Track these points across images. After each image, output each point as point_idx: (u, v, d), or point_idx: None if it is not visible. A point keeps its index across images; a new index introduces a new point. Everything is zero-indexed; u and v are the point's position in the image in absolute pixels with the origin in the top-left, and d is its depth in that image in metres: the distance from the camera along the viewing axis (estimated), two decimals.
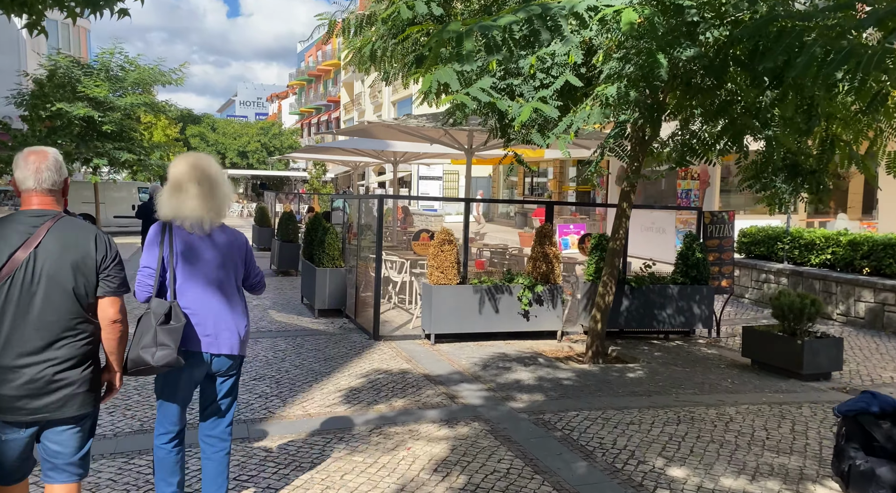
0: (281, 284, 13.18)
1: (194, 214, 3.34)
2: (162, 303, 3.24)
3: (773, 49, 4.16)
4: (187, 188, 3.34)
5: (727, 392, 6.57)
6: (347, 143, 17.19)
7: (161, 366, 3.14)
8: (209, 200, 3.38)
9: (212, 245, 3.42)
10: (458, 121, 7.57)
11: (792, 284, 11.31)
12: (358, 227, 10.56)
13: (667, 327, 9.08)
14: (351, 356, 7.57)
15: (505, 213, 30.32)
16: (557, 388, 6.51)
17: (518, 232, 23.25)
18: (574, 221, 21.67)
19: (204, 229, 3.38)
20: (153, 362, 3.12)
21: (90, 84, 21.31)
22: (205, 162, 3.45)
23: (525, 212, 26.30)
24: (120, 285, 2.91)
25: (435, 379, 6.70)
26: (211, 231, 3.42)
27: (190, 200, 3.33)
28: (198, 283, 3.37)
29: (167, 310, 3.22)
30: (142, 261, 3.37)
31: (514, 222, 27.98)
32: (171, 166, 3.42)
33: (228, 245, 3.48)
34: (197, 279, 3.37)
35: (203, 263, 3.39)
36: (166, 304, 3.24)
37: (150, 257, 3.34)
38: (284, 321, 9.48)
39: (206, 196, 3.37)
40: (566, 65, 6.51)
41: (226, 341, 3.42)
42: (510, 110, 6.17)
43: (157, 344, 3.13)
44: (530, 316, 8.55)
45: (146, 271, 3.34)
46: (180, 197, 3.34)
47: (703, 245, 9.25)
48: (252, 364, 7.09)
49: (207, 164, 3.45)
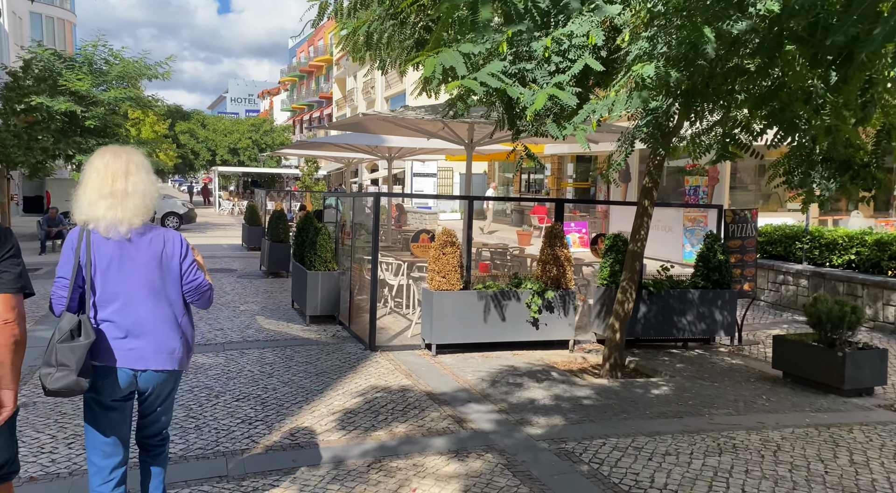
0: (271, 286, 12.45)
1: (109, 214, 2.98)
2: (70, 318, 2.89)
3: (844, 21, 3.49)
4: (101, 187, 2.99)
5: (765, 412, 5.90)
6: (340, 138, 16.46)
7: (56, 390, 2.81)
8: (127, 198, 3.00)
9: (134, 249, 3.05)
10: (459, 112, 6.87)
11: (812, 286, 10.66)
12: (352, 227, 9.85)
13: (686, 334, 8.41)
14: (345, 370, 6.86)
15: (501, 210, 29.63)
16: (577, 409, 5.82)
17: (516, 230, 22.57)
18: (574, 218, 21.01)
19: (121, 233, 3.00)
20: (48, 384, 2.81)
21: (72, 78, 20.50)
22: (123, 156, 3.08)
23: (522, 209, 25.62)
24: (14, 280, 2.54)
25: (439, 398, 6.00)
26: (131, 234, 3.04)
27: (104, 200, 2.98)
28: (119, 292, 3.01)
29: (75, 325, 2.88)
30: (57, 271, 3.00)
31: (511, 220, 27.30)
32: (87, 163, 3.09)
33: (154, 248, 3.09)
34: (118, 288, 3.01)
35: (124, 269, 3.03)
36: (75, 318, 2.89)
37: (64, 267, 2.97)
38: (273, 329, 8.76)
39: (122, 195, 2.99)
40: (585, 47, 5.84)
41: (153, 355, 3.06)
42: (522, 98, 5.49)
43: (56, 364, 2.81)
44: (540, 324, 7.87)
45: (61, 283, 2.97)
46: (93, 197, 2.98)
47: (724, 246, 8.58)
48: (236, 381, 6.38)
49: (126, 158, 3.07)
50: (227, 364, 6.98)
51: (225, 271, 14.44)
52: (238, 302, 10.66)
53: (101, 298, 3.00)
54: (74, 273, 2.93)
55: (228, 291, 11.74)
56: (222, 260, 16.35)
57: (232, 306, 10.23)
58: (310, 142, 21.08)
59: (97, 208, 2.96)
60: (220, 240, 21.99)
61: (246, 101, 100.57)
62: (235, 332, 8.53)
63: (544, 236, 8.10)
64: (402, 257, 11.05)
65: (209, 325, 8.87)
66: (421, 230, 11.10)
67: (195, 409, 5.57)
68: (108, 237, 2.99)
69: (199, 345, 7.83)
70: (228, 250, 18.89)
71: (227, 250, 18.64)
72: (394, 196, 15.51)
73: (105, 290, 3.00)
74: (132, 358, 3.01)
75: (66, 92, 20.42)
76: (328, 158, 25.36)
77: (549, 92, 5.39)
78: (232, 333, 8.47)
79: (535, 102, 5.31)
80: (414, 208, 27.90)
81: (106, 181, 2.98)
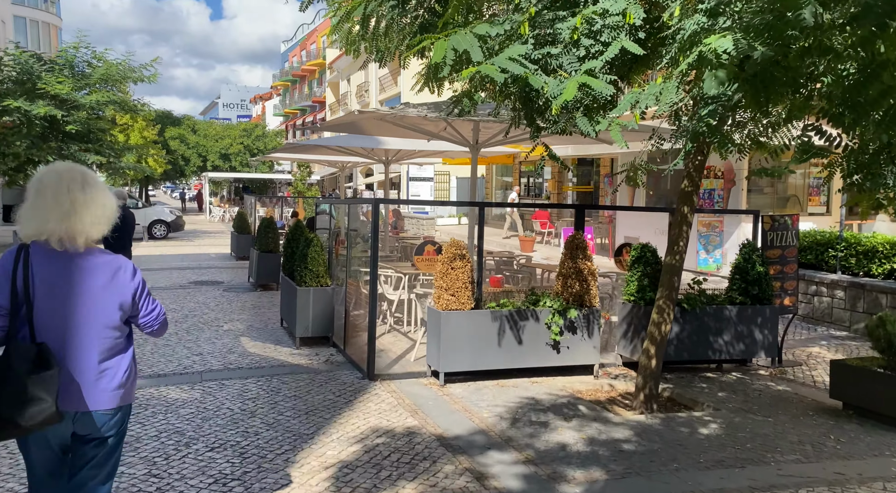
0: (259, 301, 11.49)
1: (64, 225, 2.68)
2: (27, 348, 2.61)
3: None
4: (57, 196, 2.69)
5: (839, 458, 4.98)
6: (333, 140, 15.49)
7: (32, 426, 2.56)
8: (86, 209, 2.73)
9: (83, 274, 2.75)
10: (465, 109, 5.97)
11: (850, 297, 9.76)
12: (347, 237, 8.91)
13: (723, 356, 7.49)
14: (340, 407, 5.92)
15: (500, 215, 28.71)
16: (618, 457, 4.88)
17: (519, 236, 21.65)
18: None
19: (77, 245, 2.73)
20: (24, 421, 2.54)
21: (52, 80, 19.50)
22: (77, 169, 2.83)
23: (523, 214, 24.71)
24: None
25: (452, 444, 5.06)
26: (81, 257, 2.75)
27: (59, 209, 2.69)
28: (58, 322, 2.70)
29: (34, 354, 2.60)
30: None
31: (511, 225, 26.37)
32: (34, 178, 2.82)
33: (104, 275, 2.78)
34: (54, 316, 2.70)
35: (66, 295, 2.71)
36: (32, 347, 2.62)
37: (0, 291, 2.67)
38: (259, 354, 7.80)
39: (81, 204, 2.72)
40: (621, 27, 4.95)
41: (83, 395, 2.72)
42: (546, 88, 4.60)
43: (29, 399, 2.54)
44: (561, 347, 6.94)
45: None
46: (49, 206, 2.69)
47: (763, 256, 7.67)
48: (213, 423, 5.43)
49: (81, 171, 2.83)
50: (204, 400, 6.03)
51: (211, 283, 13.47)
52: (222, 320, 9.69)
53: (38, 327, 2.68)
54: (12, 298, 2.65)
55: (213, 307, 10.78)
56: (209, 271, 15.37)
57: (215, 326, 9.26)
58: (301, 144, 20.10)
59: (51, 220, 2.68)
60: (208, 249, 21.00)
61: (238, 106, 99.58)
62: (216, 357, 7.57)
63: (565, 247, 7.17)
64: (401, 268, 10.11)
65: (188, 349, 7.91)
66: (425, 242, 10.14)
67: (160, 463, 4.61)
68: (64, 250, 2.70)
69: (174, 374, 6.88)
70: (216, 259, 17.91)
71: (215, 260, 17.65)
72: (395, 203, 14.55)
73: (42, 319, 2.69)
74: (64, 399, 2.66)
75: (45, 96, 19.43)
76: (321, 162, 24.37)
77: (581, 80, 4.50)
78: (212, 358, 7.52)
79: (564, 93, 4.41)
80: (411, 213, 26.95)
81: (62, 191, 2.71)
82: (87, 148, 20.72)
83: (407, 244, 14.37)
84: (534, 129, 5.70)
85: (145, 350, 7.73)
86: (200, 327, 9.20)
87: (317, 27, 58.44)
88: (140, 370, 6.97)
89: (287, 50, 72.30)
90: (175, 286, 12.93)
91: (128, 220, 9.78)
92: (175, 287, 12.81)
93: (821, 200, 15.80)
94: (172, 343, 8.17)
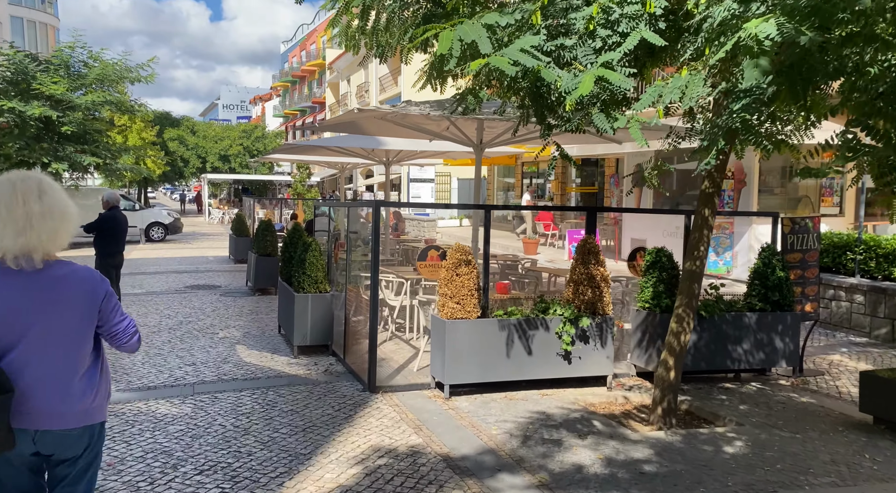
0: (257, 306, 11.14)
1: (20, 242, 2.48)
2: None
3: None
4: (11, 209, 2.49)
5: (878, 480, 4.62)
6: (333, 140, 15.13)
7: None
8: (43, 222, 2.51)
9: (39, 291, 2.54)
10: (470, 106, 5.64)
11: (871, 302, 9.40)
12: (346, 240, 8.56)
13: (742, 365, 7.13)
14: (340, 423, 5.56)
15: (502, 216, 28.35)
16: (639, 480, 4.52)
17: (522, 238, 21.29)
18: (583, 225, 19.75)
19: (35, 262, 2.52)
20: None
21: (47, 81, 19.16)
22: (33, 177, 2.61)
23: (523, 216, 24.33)
24: None
25: (460, 465, 4.70)
26: (43, 269, 2.55)
27: (13, 225, 2.47)
28: (18, 340, 2.51)
29: None
30: None
31: (513, 227, 26.02)
32: None
33: (68, 288, 2.59)
34: (17, 335, 2.51)
35: (27, 312, 2.52)
36: None
37: None
38: (255, 363, 7.45)
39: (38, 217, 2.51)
40: (640, 16, 4.60)
41: (46, 413, 2.54)
42: (559, 82, 4.26)
43: None
44: (572, 358, 6.58)
45: None
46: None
47: (784, 260, 7.31)
48: (203, 442, 5.07)
49: (37, 179, 2.61)
50: (195, 416, 5.67)
51: (207, 287, 13.11)
52: (218, 327, 9.33)
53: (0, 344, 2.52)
54: None
55: (209, 312, 10.43)
56: (206, 275, 15.02)
57: (210, 333, 8.91)
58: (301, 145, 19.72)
59: (5, 237, 2.48)
60: (206, 252, 20.65)
61: (238, 107, 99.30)
62: (210, 367, 7.22)
63: (576, 252, 6.81)
64: (403, 272, 9.74)
65: (180, 358, 7.56)
66: (428, 246, 9.77)
67: (144, 489, 4.26)
68: (19, 268, 2.49)
69: (165, 386, 6.53)
70: (214, 262, 17.56)
71: (213, 263, 17.31)
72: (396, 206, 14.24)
73: (2, 337, 2.51)
74: (25, 418, 2.50)
75: (40, 96, 19.10)
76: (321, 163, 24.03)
77: (598, 73, 4.15)
78: (206, 369, 7.16)
79: (580, 87, 4.06)
80: (412, 215, 26.59)
81: (15, 203, 2.50)
82: (83, 149, 20.39)
83: (408, 247, 14.00)
84: (545, 127, 5.34)
85: (136, 360, 7.38)
86: (195, 334, 8.84)
87: (316, 28, 58.13)
88: (129, 383, 6.62)
89: (287, 50, 71.97)
90: (170, 291, 12.58)
91: (120, 223, 9.45)
92: (170, 292, 12.46)
93: (834, 200, 15.42)
94: (165, 352, 7.81)
